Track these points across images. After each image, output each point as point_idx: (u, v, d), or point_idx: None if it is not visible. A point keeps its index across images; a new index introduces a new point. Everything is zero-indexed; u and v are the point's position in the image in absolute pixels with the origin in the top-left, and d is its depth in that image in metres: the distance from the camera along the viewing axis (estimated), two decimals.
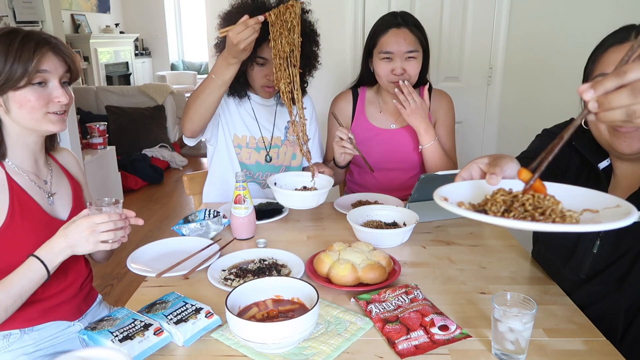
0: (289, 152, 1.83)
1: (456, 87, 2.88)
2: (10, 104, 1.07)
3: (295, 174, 1.64)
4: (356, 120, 1.84)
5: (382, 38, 1.65)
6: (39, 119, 1.10)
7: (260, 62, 1.61)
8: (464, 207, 0.78)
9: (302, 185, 1.60)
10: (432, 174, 1.47)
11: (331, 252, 1.17)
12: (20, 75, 1.05)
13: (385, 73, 1.67)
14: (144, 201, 4.41)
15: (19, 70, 1.04)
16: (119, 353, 0.79)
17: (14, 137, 1.12)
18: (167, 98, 5.44)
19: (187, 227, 1.42)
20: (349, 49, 2.88)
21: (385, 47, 1.64)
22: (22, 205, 1.10)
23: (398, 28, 1.64)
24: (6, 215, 1.07)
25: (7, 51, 1.03)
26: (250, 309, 0.98)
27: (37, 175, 1.18)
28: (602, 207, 0.73)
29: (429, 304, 1.04)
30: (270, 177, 1.55)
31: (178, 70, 8.91)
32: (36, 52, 1.06)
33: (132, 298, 1.12)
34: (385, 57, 1.65)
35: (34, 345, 1.14)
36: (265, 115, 1.80)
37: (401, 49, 1.63)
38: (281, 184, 1.55)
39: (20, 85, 1.05)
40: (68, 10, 6.39)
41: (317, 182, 1.58)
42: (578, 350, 0.91)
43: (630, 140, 0.95)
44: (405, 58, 1.64)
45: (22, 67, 1.04)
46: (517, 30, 2.78)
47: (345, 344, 0.92)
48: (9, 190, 1.09)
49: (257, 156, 1.79)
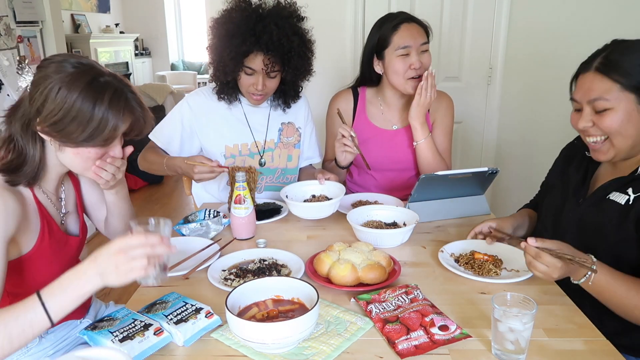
0: (284, 154, 1.82)
1: (456, 86, 2.87)
2: (67, 148, 1.00)
3: (301, 184, 1.64)
4: (357, 120, 1.84)
5: (396, 35, 1.65)
6: (87, 168, 1.05)
7: (248, 72, 1.59)
8: (453, 257, 1.29)
9: (310, 194, 1.60)
10: (432, 174, 1.47)
11: (331, 252, 1.17)
12: (100, 141, 0.98)
13: (404, 69, 1.67)
14: (144, 201, 4.41)
15: (103, 135, 0.97)
16: (119, 353, 0.79)
17: (50, 166, 1.07)
18: (167, 98, 5.44)
19: (187, 227, 1.42)
20: (349, 49, 2.88)
21: (402, 42, 1.64)
22: (49, 227, 1.08)
23: (409, 23, 1.65)
24: (37, 238, 1.04)
25: (95, 112, 0.94)
26: (250, 309, 0.98)
27: (55, 195, 1.15)
28: (522, 268, 1.18)
29: (429, 304, 1.04)
30: (282, 190, 1.55)
31: (178, 70, 8.91)
32: (124, 112, 0.99)
33: (132, 298, 1.12)
34: (403, 54, 1.65)
35: (52, 347, 1.15)
36: (258, 119, 1.78)
37: (417, 40, 1.64)
38: (291, 196, 1.55)
39: (91, 144, 0.99)
40: (68, 10, 6.38)
41: (329, 190, 1.58)
42: (578, 350, 0.91)
43: (598, 153, 1.15)
44: (420, 51, 1.66)
45: (108, 134, 0.97)
46: (517, 30, 2.78)
47: (345, 344, 0.92)
48: (39, 213, 1.06)
49: (252, 162, 1.78)
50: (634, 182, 1.11)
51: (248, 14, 1.54)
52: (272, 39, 1.51)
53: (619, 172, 1.17)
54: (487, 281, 1.15)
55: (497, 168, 1.52)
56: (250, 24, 1.52)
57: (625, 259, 1.09)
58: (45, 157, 1.05)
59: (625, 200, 1.10)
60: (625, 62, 1.06)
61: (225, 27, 1.56)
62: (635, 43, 1.09)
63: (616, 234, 1.11)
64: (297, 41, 1.57)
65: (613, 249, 1.10)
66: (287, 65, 1.59)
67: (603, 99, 1.07)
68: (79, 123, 0.95)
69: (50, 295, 0.83)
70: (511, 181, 2.91)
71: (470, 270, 1.21)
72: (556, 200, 1.31)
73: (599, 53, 1.11)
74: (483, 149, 3.05)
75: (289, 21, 1.57)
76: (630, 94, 1.05)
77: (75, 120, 0.95)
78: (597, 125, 1.10)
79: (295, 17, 1.60)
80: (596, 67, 1.09)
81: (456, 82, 2.93)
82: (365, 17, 2.82)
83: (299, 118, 1.85)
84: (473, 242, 1.35)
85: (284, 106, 1.78)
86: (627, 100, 1.06)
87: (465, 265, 1.23)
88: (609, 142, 1.11)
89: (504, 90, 2.91)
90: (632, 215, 1.08)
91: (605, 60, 1.08)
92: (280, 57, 1.56)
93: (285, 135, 1.81)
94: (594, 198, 1.19)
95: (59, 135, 0.97)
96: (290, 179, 1.85)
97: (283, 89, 1.72)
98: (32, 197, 1.05)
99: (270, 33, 1.51)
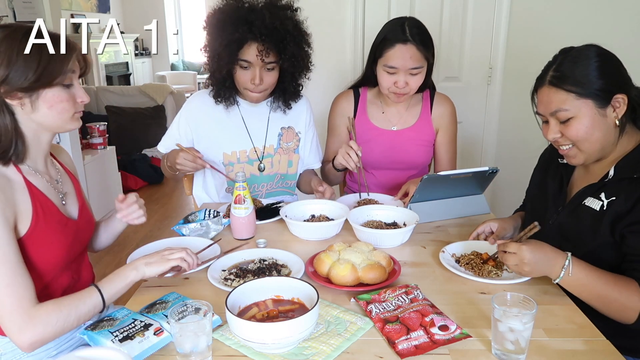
0: (284, 159, 1.79)
1: (456, 87, 2.88)
2: (39, 103, 1.04)
3: (300, 203, 1.58)
4: (358, 120, 1.84)
5: (388, 52, 1.62)
6: (67, 119, 1.10)
7: (243, 66, 1.55)
8: (454, 257, 1.30)
9: (310, 214, 1.54)
10: (434, 174, 1.47)
11: (331, 252, 1.17)
12: (57, 74, 1.03)
13: (388, 85, 1.66)
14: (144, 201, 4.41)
15: (55, 68, 1.02)
16: (119, 353, 0.79)
17: (29, 138, 1.09)
18: (167, 98, 5.43)
19: (187, 227, 1.42)
20: (348, 49, 2.88)
21: (390, 61, 1.62)
22: (43, 209, 1.08)
23: (405, 44, 1.60)
24: (31, 220, 1.04)
25: (41, 49, 1.00)
26: (250, 309, 0.97)
27: (49, 176, 1.16)
28: None
29: (429, 304, 1.04)
30: (281, 210, 1.50)
31: (178, 70, 8.91)
32: (70, 52, 1.05)
33: (132, 298, 1.12)
34: (390, 71, 1.64)
35: (55, 347, 1.15)
36: (257, 123, 1.74)
37: (406, 64, 1.61)
38: (290, 216, 1.49)
39: (54, 83, 1.03)
40: (68, 10, 6.38)
41: (333, 211, 1.52)
42: (578, 350, 0.91)
43: (570, 158, 1.18)
44: (409, 73, 1.63)
45: (59, 66, 1.02)
46: (517, 30, 2.78)
47: (345, 344, 0.92)
48: (30, 194, 1.06)
49: (251, 169, 1.74)
50: (606, 187, 1.13)
51: (240, 4, 1.52)
52: (264, 24, 1.47)
53: (591, 177, 1.20)
54: (487, 281, 1.15)
55: (497, 167, 1.52)
56: (242, 12, 1.50)
57: (605, 264, 1.10)
58: (20, 128, 1.06)
59: (599, 206, 1.12)
60: (575, 72, 1.09)
61: (217, 18, 1.54)
62: (581, 51, 1.11)
63: (593, 240, 1.13)
64: (291, 26, 1.53)
65: (592, 255, 1.12)
66: (283, 52, 1.53)
67: (562, 109, 1.10)
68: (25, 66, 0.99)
69: (105, 283, 1.03)
70: (511, 181, 2.90)
71: (471, 270, 1.21)
72: (537, 209, 1.33)
73: (550, 66, 1.15)
74: (483, 149, 3.06)
75: (283, 11, 1.54)
76: (587, 99, 1.08)
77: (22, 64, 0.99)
78: (565, 136, 1.14)
79: (289, 8, 1.58)
80: (549, 80, 1.12)
81: (456, 82, 2.93)
82: (365, 17, 2.82)
83: (299, 122, 1.81)
84: (474, 242, 1.35)
85: (285, 107, 1.74)
86: (587, 106, 1.08)
87: (466, 266, 1.23)
88: (576, 148, 1.15)
89: (504, 90, 2.91)
90: (606, 220, 1.10)
91: (556, 72, 1.12)
92: (275, 44, 1.51)
93: (284, 141, 1.78)
94: (571, 205, 1.21)
95: (20, 90, 1.01)
96: (289, 184, 1.83)
97: (282, 87, 1.68)
98: (21, 178, 1.06)
99: (263, 19, 1.47)
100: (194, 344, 0.86)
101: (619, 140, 1.13)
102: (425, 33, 1.64)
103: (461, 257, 1.27)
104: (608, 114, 1.09)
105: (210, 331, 0.88)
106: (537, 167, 1.42)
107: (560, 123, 1.13)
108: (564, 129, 1.12)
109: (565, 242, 1.19)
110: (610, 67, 1.10)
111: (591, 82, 1.07)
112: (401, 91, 1.65)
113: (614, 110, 1.09)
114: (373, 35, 1.72)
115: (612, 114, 1.09)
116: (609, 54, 1.11)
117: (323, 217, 1.50)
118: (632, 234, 1.06)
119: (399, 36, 1.61)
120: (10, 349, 1.08)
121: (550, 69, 1.14)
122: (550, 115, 1.14)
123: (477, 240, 1.37)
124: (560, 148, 1.18)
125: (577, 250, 1.15)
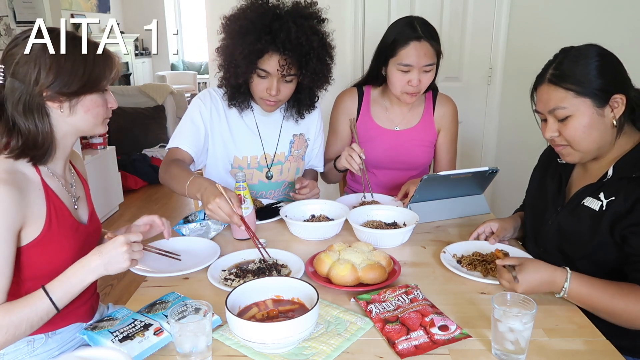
0: (293, 167, 1.76)
1: (456, 87, 2.87)
2: (78, 107, 1.06)
3: (300, 203, 1.57)
4: (361, 119, 1.84)
5: (403, 50, 1.61)
6: (98, 123, 1.12)
7: (262, 75, 1.48)
8: (455, 257, 1.30)
9: (310, 214, 1.53)
10: (434, 174, 1.47)
11: (331, 252, 1.17)
12: (100, 80, 1.07)
13: (401, 84, 1.65)
14: (143, 201, 4.41)
15: (100, 75, 1.06)
16: (119, 353, 0.79)
17: (58, 139, 1.09)
18: (167, 98, 5.43)
19: (187, 227, 1.42)
20: (349, 49, 2.88)
21: (405, 59, 1.61)
22: (57, 212, 1.07)
23: (419, 41, 1.59)
24: (44, 224, 1.04)
25: (86, 55, 1.04)
26: (250, 309, 0.97)
27: (65, 180, 1.15)
28: None
29: (429, 304, 1.04)
30: (281, 210, 1.50)
31: (178, 70, 8.91)
32: (112, 59, 1.09)
33: (132, 298, 1.12)
34: (404, 70, 1.63)
35: (57, 348, 1.15)
36: (269, 130, 1.69)
37: (421, 62, 1.61)
38: (290, 216, 1.49)
39: (97, 89, 1.07)
40: (68, 10, 6.38)
41: (333, 211, 1.52)
42: (578, 350, 0.91)
43: (566, 156, 1.19)
44: (422, 71, 1.63)
45: (102, 73, 1.06)
46: (517, 30, 2.78)
47: (345, 344, 0.92)
48: (46, 197, 1.06)
49: (260, 175, 1.71)
50: (605, 186, 1.14)
51: (264, 10, 1.43)
52: (289, 37, 1.40)
53: (590, 177, 1.20)
54: (487, 281, 1.15)
55: (497, 167, 1.52)
56: (266, 21, 1.41)
57: (604, 264, 1.10)
58: (53, 130, 1.07)
59: (599, 206, 1.12)
60: (575, 70, 1.09)
61: (239, 23, 1.44)
62: (582, 50, 1.12)
63: (593, 240, 1.12)
64: (316, 42, 1.46)
65: (592, 255, 1.12)
66: (305, 68, 1.47)
67: (561, 107, 1.11)
68: (72, 72, 1.02)
69: (55, 286, 0.98)
70: (511, 181, 2.90)
71: (473, 270, 1.21)
72: (537, 209, 1.33)
73: (550, 64, 1.15)
74: (483, 149, 3.06)
75: (309, 21, 1.47)
76: (585, 98, 1.08)
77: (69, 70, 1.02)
78: (562, 135, 1.14)
79: (316, 18, 1.50)
80: (549, 78, 1.13)
81: (456, 82, 2.93)
82: (365, 17, 2.82)
83: (310, 130, 1.78)
84: (475, 243, 1.35)
85: (297, 117, 1.70)
86: (585, 105, 1.09)
87: (467, 266, 1.23)
88: (570, 147, 1.15)
89: (504, 90, 2.91)
90: (605, 220, 1.10)
91: (556, 70, 1.12)
92: (297, 58, 1.45)
93: (295, 148, 1.75)
94: (570, 205, 1.21)
95: (64, 94, 1.02)
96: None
97: (298, 98, 1.63)
98: (39, 180, 1.06)
99: (288, 31, 1.40)
100: (194, 344, 0.86)
101: (617, 141, 1.14)
102: (433, 29, 1.65)
103: (462, 257, 1.27)
104: (606, 113, 1.09)
105: (210, 331, 0.88)
106: (537, 167, 1.42)
107: (559, 121, 1.13)
108: (561, 127, 1.13)
109: (565, 242, 1.19)
110: (610, 67, 1.10)
111: (590, 81, 1.08)
112: (414, 90, 1.65)
113: (611, 110, 1.09)
114: (373, 35, 1.72)
115: (609, 114, 1.09)
116: (610, 54, 1.11)
117: (323, 217, 1.50)
118: (634, 235, 1.05)
119: (411, 34, 1.61)
120: (11, 350, 1.09)
121: (550, 67, 1.14)
122: (548, 113, 1.14)
123: (477, 240, 1.37)
124: (556, 145, 1.19)
125: (576, 250, 1.16)
